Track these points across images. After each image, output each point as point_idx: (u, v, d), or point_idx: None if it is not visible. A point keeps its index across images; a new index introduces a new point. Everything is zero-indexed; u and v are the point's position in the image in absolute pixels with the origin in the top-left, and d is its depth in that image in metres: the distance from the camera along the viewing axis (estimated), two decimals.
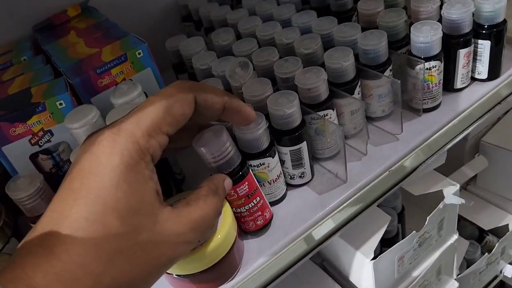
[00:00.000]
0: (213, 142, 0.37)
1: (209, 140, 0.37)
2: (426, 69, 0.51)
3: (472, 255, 0.90)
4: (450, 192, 0.65)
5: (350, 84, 0.49)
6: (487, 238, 0.96)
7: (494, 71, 0.55)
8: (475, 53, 0.54)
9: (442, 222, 0.68)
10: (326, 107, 0.47)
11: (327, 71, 0.48)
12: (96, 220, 0.26)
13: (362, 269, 0.63)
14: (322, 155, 0.50)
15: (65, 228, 0.26)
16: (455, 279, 0.79)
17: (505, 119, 0.92)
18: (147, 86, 0.51)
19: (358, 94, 0.51)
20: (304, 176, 0.48)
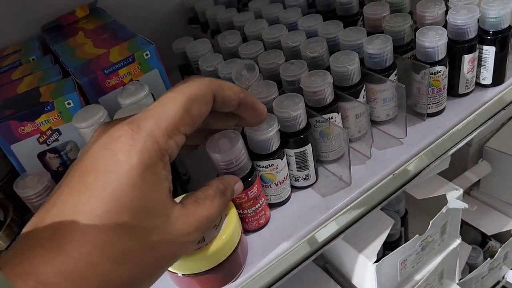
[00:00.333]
0: (228, 149, 0.37)
1: (224, 146, 0.37)
2: (431, 74, 0.51)
3: (474, 260, 0.90)
4: (453, 196, 0.66)
5: (355, 87, 0.49)
6: (490, 243, 0.96)
7: (498, 77, 0.56)
8: (480, 58, 0.54)
9: (445, 226, 0.68)
10: (331, 110, 0.48)
11: (333, 75, 0.48)
12: (109, 218, 0.26)
13: (365, 272, 0.63)
14: (326, 158, 0.51)
15: (77, 224, 0.25)
16: (457, 284, 0.79)
17: (509, 125, 0.92)
18: (154, 87, 0.51)
19: (363, 98, 0.51)
20: (308, 178, 0.49)
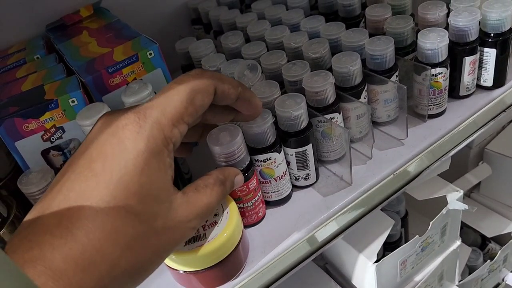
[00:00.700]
0: (228, 142, 0.39)
1: (224, 139, 0.39)
2: (432, 75, 0.51)
3: (474, 262, 0.91)
4: (453, 198, 0.66)
5: (357, 88, 0.50)
6: (490, 245, 0.96)
7: (499, 79, 0.56)
8: (481, 61, 0.55)
9: (445, 228, 0.68)
10: (333, 111, 0.48)
11: (334, 75, 0.48)
12: (117, 204, 0.26)
13: (365, 272, 0.64)
14: (327, 158, 0.51)
15: (85, 210, 0.26)
16: (457, 285, 0.80)
17: (509, 128, 0.92)
18: (157, 86, 0.51)
19: (365, 98, 0.52)
20: (308, 178, 0.49)
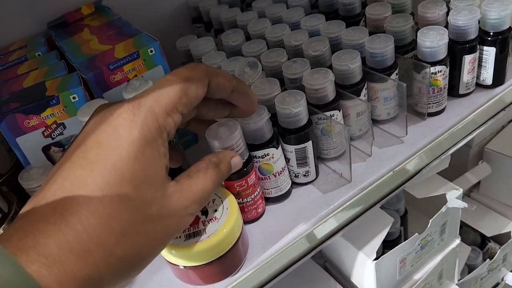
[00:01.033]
0: (227, 136, 0.39)
1: (223, 134, 0.39)
2: (432, 73, 0.51)
3: (473, 261, 0.91)
4: (453, 196, 0.66)
5: (357, 86, 0.50)
6: (489, 244, 0.96)
7: (498, 78, 0.56)
8: (480, 59, 0.55)
9: (444, 226, 0.69)
10: (333, 108, 0.48)
11: (335, 73, 0.48)
12: (111, 191, 0.26)
13: (364, 269, 0.64)
14: (327, 155, 0.51)
15: (79, 197, 0.26)
16: (456, 284, 0.80)
17: (509, 127, 0.92)
18: None
19: (364, 96, 0.52)
20: (308, 175, 0.49)
